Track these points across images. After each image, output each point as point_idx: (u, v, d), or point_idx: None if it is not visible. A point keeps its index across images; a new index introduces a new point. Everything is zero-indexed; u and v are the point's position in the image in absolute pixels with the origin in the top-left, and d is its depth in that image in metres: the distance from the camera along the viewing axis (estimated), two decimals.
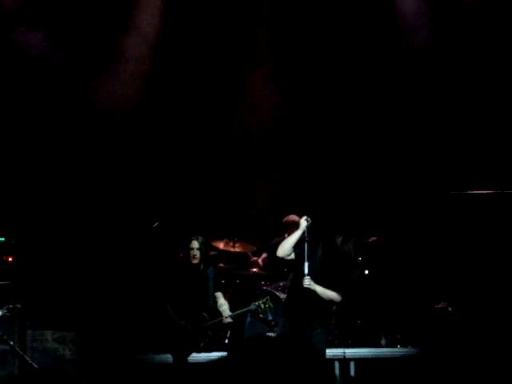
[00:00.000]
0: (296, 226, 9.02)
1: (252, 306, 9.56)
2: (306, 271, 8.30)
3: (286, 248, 8.48)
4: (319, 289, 8.30)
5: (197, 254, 9.55)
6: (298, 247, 8.50)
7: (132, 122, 11.96)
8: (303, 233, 8.48)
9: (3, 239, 10.28)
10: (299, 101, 12.34)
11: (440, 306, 10.08)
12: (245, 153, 12.46)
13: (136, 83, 11.90)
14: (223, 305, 9.53)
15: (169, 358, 9.57)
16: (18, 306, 8.83)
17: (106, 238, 10.72)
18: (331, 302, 8.40)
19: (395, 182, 11.82)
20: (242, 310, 9.65)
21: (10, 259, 10.21)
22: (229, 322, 9.44)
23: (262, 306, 9.54)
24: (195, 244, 9.59)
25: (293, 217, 10.88)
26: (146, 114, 12.07)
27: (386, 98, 12.07)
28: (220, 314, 9.45)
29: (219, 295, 9.61)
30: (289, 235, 9.71)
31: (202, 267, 9.60)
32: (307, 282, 8.22)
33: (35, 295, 10.27)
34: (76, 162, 11.61)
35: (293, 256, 8.49)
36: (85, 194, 11.09)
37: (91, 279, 10.53)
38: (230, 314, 9.47)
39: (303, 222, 8.51)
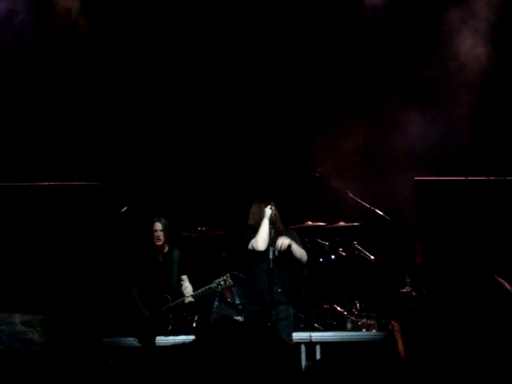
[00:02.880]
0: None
1: (212, 284, 9.62)
2: (271, 256, 8.43)
3: (265, 240, 8.62)
4: (294, 245, 8.55)
5: (160, 235, 9.61)
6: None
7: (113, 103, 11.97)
8: (269, 220, 8.62)
9: None
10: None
11: (404, 290, 10.17)
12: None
13: None
14: (187, 287, 9.61)
15: (135, 341, 9.64)
16: None
17: (74, 222, 10.71)
18: (301, 262, 8.65)
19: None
20: (202, 289, 9.70)
21: None
22: (190, 302, 9.49)
23: (222, 283, 9.59)
24: (158, 226, 9.64)
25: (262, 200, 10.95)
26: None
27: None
28: (182, 296, 9.52)
29: (184, 278, 9.68)
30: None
31: (166, 249, 9.65)
32: (286, 241, 8.46)
33: (2, 278, 10.28)
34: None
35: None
36: (51, 175, 11.07)
37: (59, 263, 10.54)
38: (191, 293, 9.54)
39: (268, 211, 8.65)
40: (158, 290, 9.54)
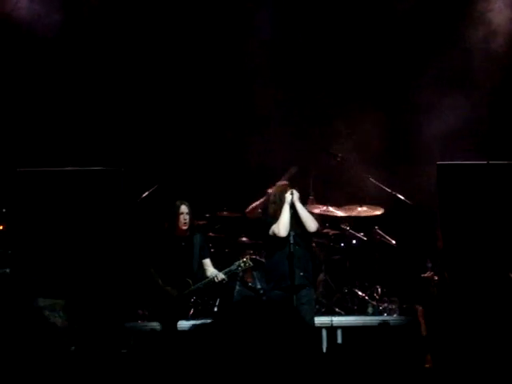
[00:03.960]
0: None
1: (233, 267, 9.59)
2: (292, 240, 8.44)
3: (285, 226, 8.62)
4: (299, 205, 8.56)
5: (187, 218, 9.56)
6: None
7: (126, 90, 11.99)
8: (291, 205, 8.62)
9: None
10: None
11: (426, 275, 10.15)
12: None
13: None
14: (212, 272, 9.58)
15: (157, 325, 9.67)
16: (7, 270, 8.91)
17: (96, 206, 10.75)
18: (310, 229, 8.64)
19: None
20: (223, 271, 9.70)
21: (1, 227, 10.26)
22: (222, 279, 9.43)
23: (242, 265, 9.56)
24: (185, 209, 9.58)
25: (279, 183, 10.94)
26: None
27: None
28: (202, 280, 9.53)
29: (207, 262, 9.65)
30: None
31: (188, 233, 9.63)
32: (295, 194, 8.48)
33: (26, 262, 10.34)
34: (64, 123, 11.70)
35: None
36: (74, 162, 11.10)
37: (81, 247, 10.58)
38: (219, 273, 9.51)
39: (288, 196, 8.65)
40: (179, 273, 9.54)
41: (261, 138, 12.16)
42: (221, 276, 9.40)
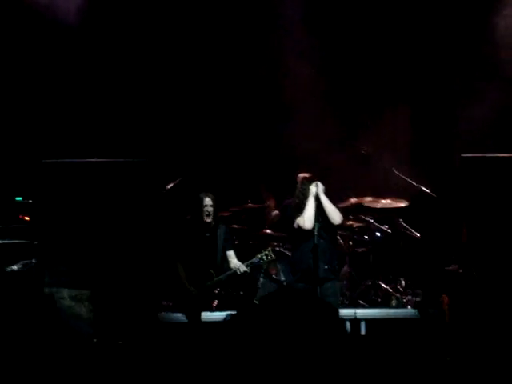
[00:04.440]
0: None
1: (254, 259, 9.63)
2: (316, 232, 8.46)
3: (310, 218, 8.65)
4: (324, 197, 8.56)
5: (210, 210, 9.61)
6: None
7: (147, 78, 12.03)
8: (316, 197, 8.64)
9: (20, 199, 10.41)
10: None
11: (451, 268, 10.13)
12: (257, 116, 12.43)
13: None
14: (236, 263, 9.62)
15: (182, 316, 9.72)
16: (33, 261, 9.01)
17: (121, 198, 10.80)
18: (334, 221, 8.64)
19: None
20: (245, 263, 9.73)
21: (27, 218, 10.35)
22: (245, 271, 9.49)
23: (264, 257, 9.60)
24: (209, 201, 9.64)
25: (305, 174, 10.97)
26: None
27: None
28: (225, 272, 9.56)
29: (231, 254, 9.70)
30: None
31: (212, 225, 9.67)
32: (319, 186, 8.47)
33: (52, 253, 10.41)
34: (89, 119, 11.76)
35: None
36: (100, 155, 11.16)
37: (106, 238, 10.64)
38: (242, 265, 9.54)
39: (313, 188, 8.66)
40: (203, 265, 9.59)
41: (287, 130, 12.17)
42: (243, 268, 9.46)
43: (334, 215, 8.85)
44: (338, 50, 12.13)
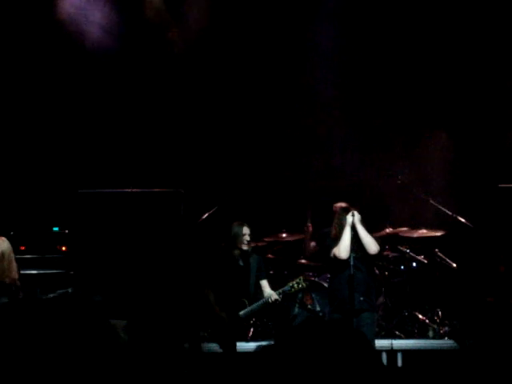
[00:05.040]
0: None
1: (286, 287, 9.62)
2: (352, 262, 8.42)
3: (346, 248, 8.61)
4: (361, 228, 8.49)
5: (248, 239, 9.72)
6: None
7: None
8: (352, 227, 8.60)
9: (57, 229, 10.49)
10: None
11: (491, 299, 10.03)
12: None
13: None
14: (270, 293, 9.63)
15: (217, 347, 9.70)
16: (69, 290, 9.06)
17: (156, 228, 10.85)
18: (370, 251, 8.57)
19: None
20: (277, 291, 9.70)
21: (64, 248, 10.41)
22: (276, 299, 9.49)
23: (296, 285, 9.58)
24: (247, 230, 9.72)
25: (342, 204, 10.94)
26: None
27: None
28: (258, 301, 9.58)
29: (265, 283, 9.71)
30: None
31: (247, 254, 9.73)
32: (356, 215, 8.42)
33: (88, 283, 10.46)
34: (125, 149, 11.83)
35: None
36: (135, 185, 11.23)
37: (142, 267, 10.68)
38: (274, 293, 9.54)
39: (349, 218, 8.62)
40: (236, 293, 9.60)
41: (321, 160, 12.17)
42: (274, 296, 9.46)
43: (371, 245, 8.80)
44: (372, 77, 12.13)
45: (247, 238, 9.67)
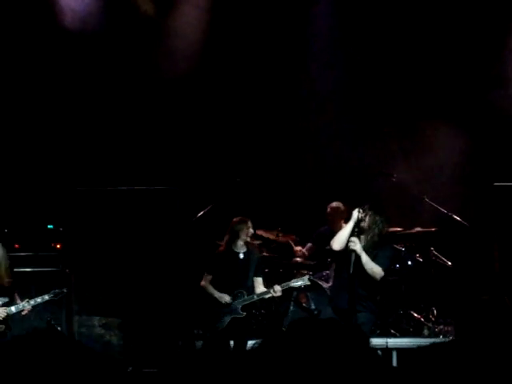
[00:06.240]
0: (339, 213, 9.08)
1: (292, 283, 9.61)
2: (353, 263, 8.38)
3: (341, 240, 8.50)
4: (364, 256, 8.37)
5: (252, 232, 9.79)
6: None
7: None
8: (355, 224, 8.51)
9: (52, 226, 10.47)
10: None
11: (486, 297, 10.03)
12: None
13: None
14: (263, 290, 9.62)
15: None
16: (64, 290, 9.05)
17: (152, 226, 10.84)
18: (374, 278, 8.47)
19: None
20: (281, 284, 9.68)
21: (58, 246, 10.40)
22: (279, 290, 9.47)
23: (301, 282, 9.58)
24: (250, 224, 9.74)
25: (336, 204, 10.92)
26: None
27: None
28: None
29: (259, 281, 9.70)
30: (332, 224, 9.78)
31: (245, 249, 9.74)
32: (356, 244, 8.30)
33: (82, 281, 10.45)
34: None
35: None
36: (131, 181, 11.22)
37: (137, 265, 10.68)
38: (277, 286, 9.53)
39: (355, 214, 8.51)
40: (235, 285, 9.60)
41: (315, 158, 12.16)
42: (278, 288, 9.43)
43: (375, 275, 8.60)
44: (366, 74, 12.13)
45: (251, 231, 9.71)
